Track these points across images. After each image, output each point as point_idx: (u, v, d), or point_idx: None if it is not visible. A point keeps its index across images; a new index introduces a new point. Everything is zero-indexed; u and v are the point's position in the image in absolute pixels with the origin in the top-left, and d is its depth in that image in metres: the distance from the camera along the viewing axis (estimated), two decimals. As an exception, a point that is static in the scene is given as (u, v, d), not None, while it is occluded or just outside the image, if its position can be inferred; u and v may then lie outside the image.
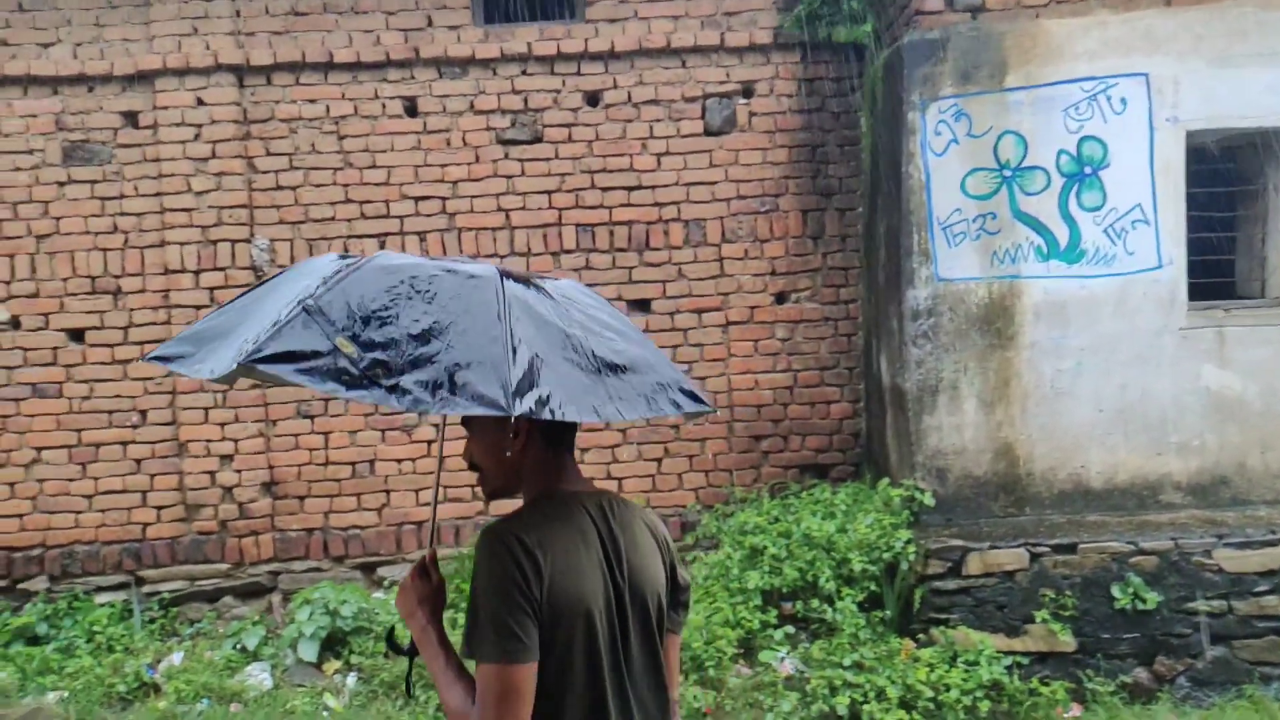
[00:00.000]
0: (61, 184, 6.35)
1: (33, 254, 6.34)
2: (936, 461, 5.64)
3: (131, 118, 6.38)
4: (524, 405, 1.60)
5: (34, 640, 6.01)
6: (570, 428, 1.99)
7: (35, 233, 6.34)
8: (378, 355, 1.61)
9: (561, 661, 1.82)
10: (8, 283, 6.31)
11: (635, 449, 6.51)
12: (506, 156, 6.46)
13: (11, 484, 6.33)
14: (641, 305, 6.52)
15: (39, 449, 6.35)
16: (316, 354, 1.60)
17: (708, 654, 5.04)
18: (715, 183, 6.50)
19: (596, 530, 1.93)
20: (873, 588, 5.46)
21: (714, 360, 6.52)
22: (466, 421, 2.01)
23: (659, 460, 6.54)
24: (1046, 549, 5.30)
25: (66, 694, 5.43)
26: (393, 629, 2.43)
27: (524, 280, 1.86)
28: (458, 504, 6.47)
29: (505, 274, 1.82)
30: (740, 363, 6.53)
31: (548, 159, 6.46)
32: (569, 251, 6.48)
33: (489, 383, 1.60)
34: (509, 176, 6.46)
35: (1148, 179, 5.50)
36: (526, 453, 1.97)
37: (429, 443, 6.47)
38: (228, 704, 5.37)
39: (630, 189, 6.49)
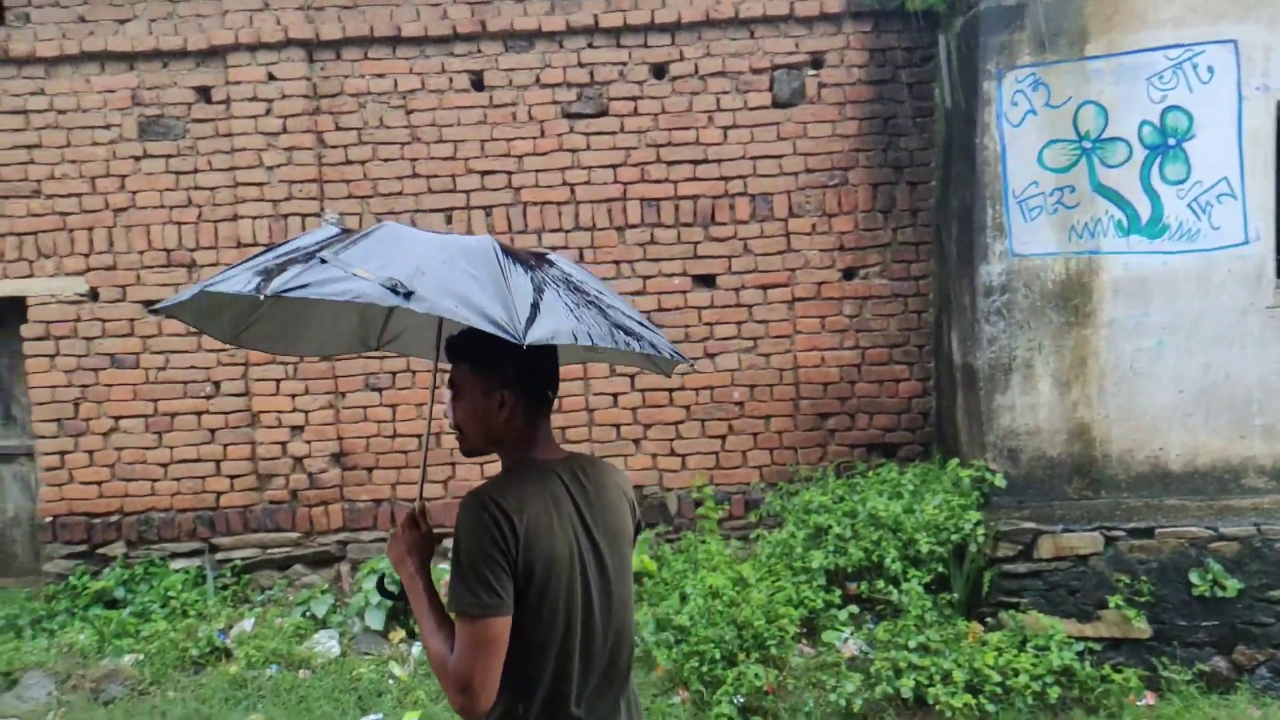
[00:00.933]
0: (137, 158, 6.47)
1: (110, 227, 6.48)
2: (1008, 442, 5.50)
3: (205, 93, 6.47)
4: (534, 335, 1.77)
5: (112, 604, 6.19)
6: (548, 402, 2.15)
7: (112, 206, 6.48)
8: (394, 274, 1.77)
9: (537, 615, 1.96)
10: (86, 255, 6.47)
11: (699, 425, 6.47)
12: (572, 130, 6.43)
13: (91, 452, 6.51)
14: (706, 281, 6.46)
15: (117, 418, 6.52)
16: (335, 279, 1.77)
17: (770, 632, 4.99)
18: (783, 156, 6.39)
19: (569, 493, 2.07)
20: (940, 569, 5.36)
21: (779, 337, 6.44)
22: (454, 385, 2.13)
23: (723, 438, 6.49)
24: (1122, 533, 5.14)
25: (142, 657, 5.58)
26: (383, 576, 2.87)
27: (515, 252, 2.02)
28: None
29: (500, 246, 1.97)
30: (806, 339, 6.44)
31: (613, 132, 6.42)
32: (633, 226, 6.43)
33: (500, 312, 1.77)
34: (574, 150, 6.43)
35: (1235, 150, 5.28)
36: (509, 422, 2.10)
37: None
38: (296, 670, 5.48)
39: (696, 163, 6.42)
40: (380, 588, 2.44)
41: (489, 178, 6.44)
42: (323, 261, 1.81)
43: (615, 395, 6.49)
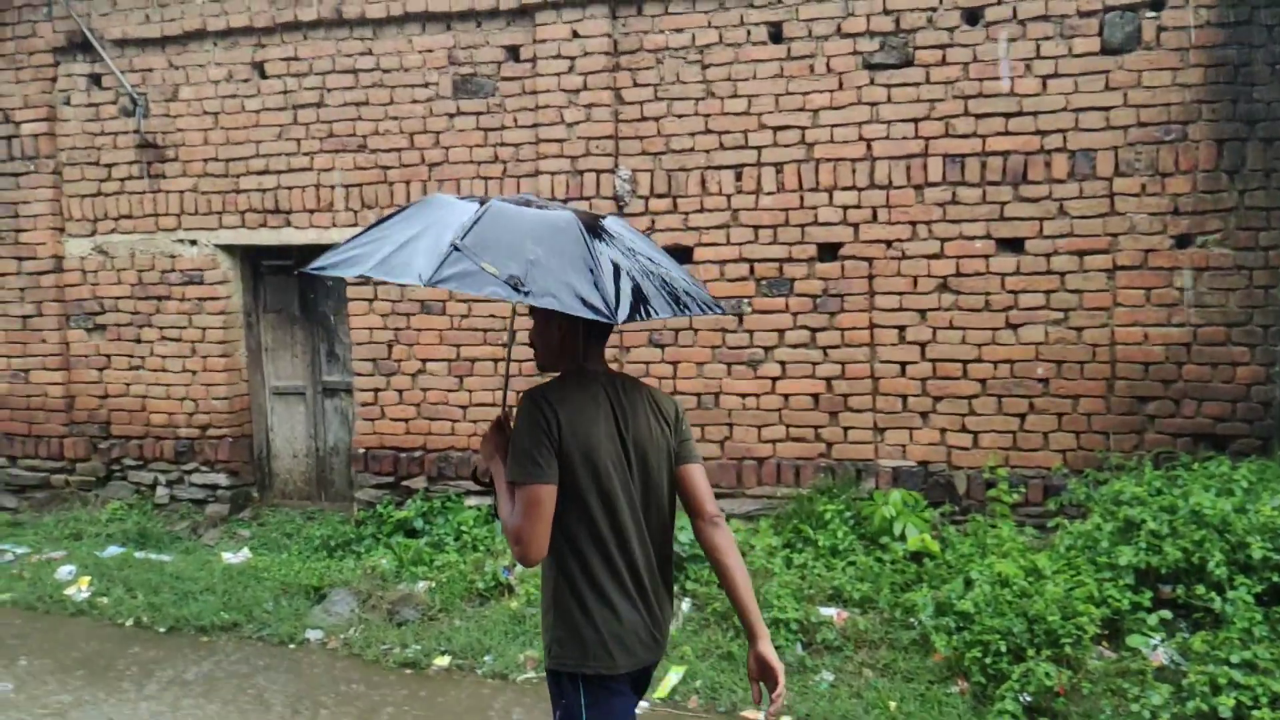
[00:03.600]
0: (451, 115, 6.83)
1: (425, 181, 6.89)
2: (1376, 441, 4.67)
3: (513, 51, 6.71)
4: (621, 314, 2.33)
5: (411, 533, 6.62)
6: (604, 329, 2.61)
7: (428, 161, 6.88)
8: (514, 272, 2.27)
9: (578, 494, 2.49)
10: (404, 207, 6.89)
11: (995, 401, 5.99)
12: (872, 82, 6.10)
13: (400, 391, 6.99)
14: (1013, 245, 5.95)
15: (424, 360, 6.94)
16: (470, 273, 2.27)
17: (1065, 630, 4.52)
18: (1110, 108, 5.75)
19: (608, 397, 2.59)
20: (1275, 579, 4.64)
21: (1095, 309, 5.82)
22: (534, 313, 2.65)
23: (1022, 416, 5.98)
24: None
25: (434, 585, 5.92)
26: (475, 469, 3.61)
27: (592, 227, 2.50)
28: (801, 443, 6.31)
29: (580, 218, 2.48)
30: (1127, 313, 5.78)
31: (917, 84, 6.03)
32: (933, 184, 6.03)
33: (590, 294, 2.29)
34: (873, 104, 6.11)
35: None
36: (563, 344, 2.62)
37: (774, 379, 6.34)
38: (570, 613, 5.61)
39: (1008, 115, 5.91)
40: (474, 477, 3.18)
41: (782, 133, 6.25)
42: (456, 249, 2.30)
43: (903, 364, 6.14)
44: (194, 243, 7.37)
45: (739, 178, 6.34)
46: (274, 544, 6.87)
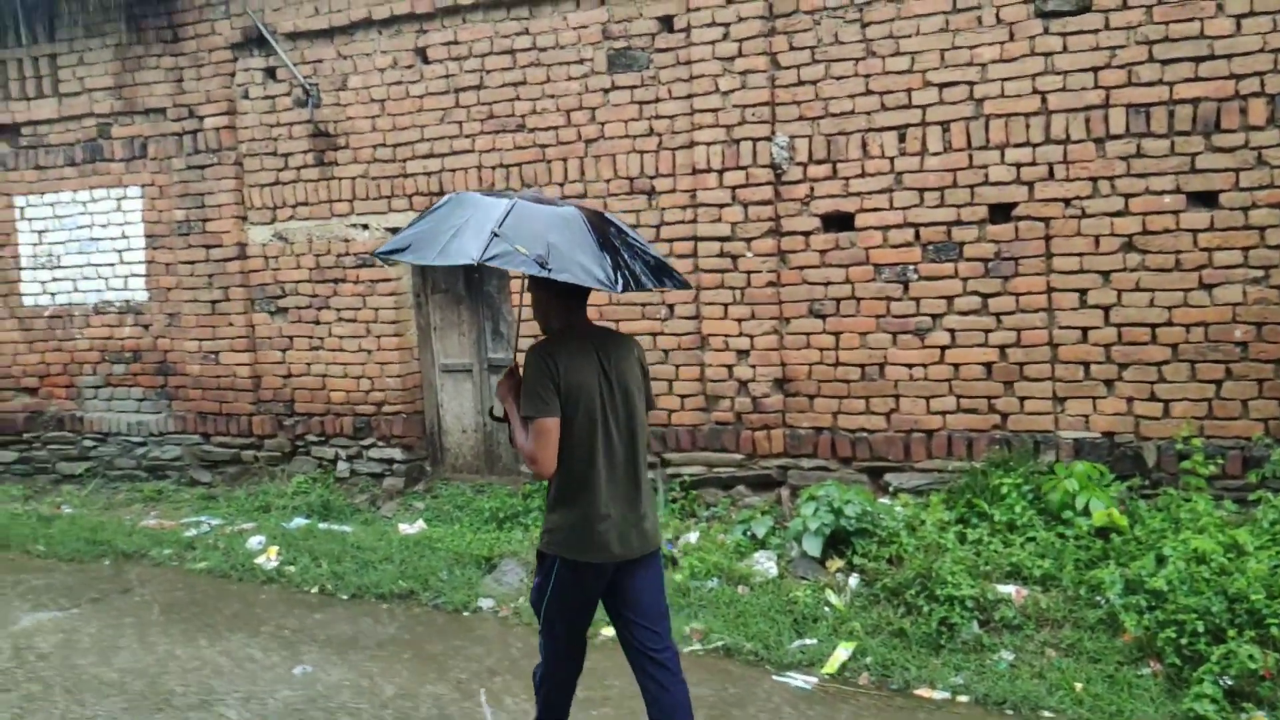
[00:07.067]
0: (606, 91, 6.84)
1: (581, 158, 6.93)
2: None
3: (667, 22, 6.65)
4: (619, 285, 3.08)
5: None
6: (584, 293, 3.34)
7: (584, 138, 6.92)
8: (540, 252, 2.96)
9: (574, 422, 3.22)
10: (561, 184, 6.98)
11: (1188, 367, 5.60)
12: (1046, 31, 5.76)
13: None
14: (1205, 199, 5.52)
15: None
16: (507, 253, 2.95)
17: (1271, 610, 4.20)
18: (1317, 45, 5.25)
19: (594, 347, 3.32)
20: None
21: (1301, 265, 5.36)
22: (533, 288, 3.37)
23: (1218, 383, 5.56)
24: None
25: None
26: (491, 406, 4.22)
27: (592, 219, 3.25)
28: (973, 415, 6.07)
29: (583, 212, 3.25)
30: (1338, 269, 5.29)
31: (1095, 30, 5.66)
32: (1115, 137, 5.65)
33: (597, 271, 3.05)
34: (1047, 54, 5.77)
35: None
36: (553, 312, 3.37)
37: (943, 348, 6.11)
38: (735, 586, 5.57)
39: (1198, 60, 5.48)
40: (490, 414, 3.79)
41: (948, 90, 5.98)
42: (496, 235, 2.97)
43: (1085, 329, 5.80)
44: (366, 227, 7.64)
45: (902, 139, 6.11)
46: (446, 516, 7.10)
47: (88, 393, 8.73)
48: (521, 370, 3.28)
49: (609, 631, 4.73)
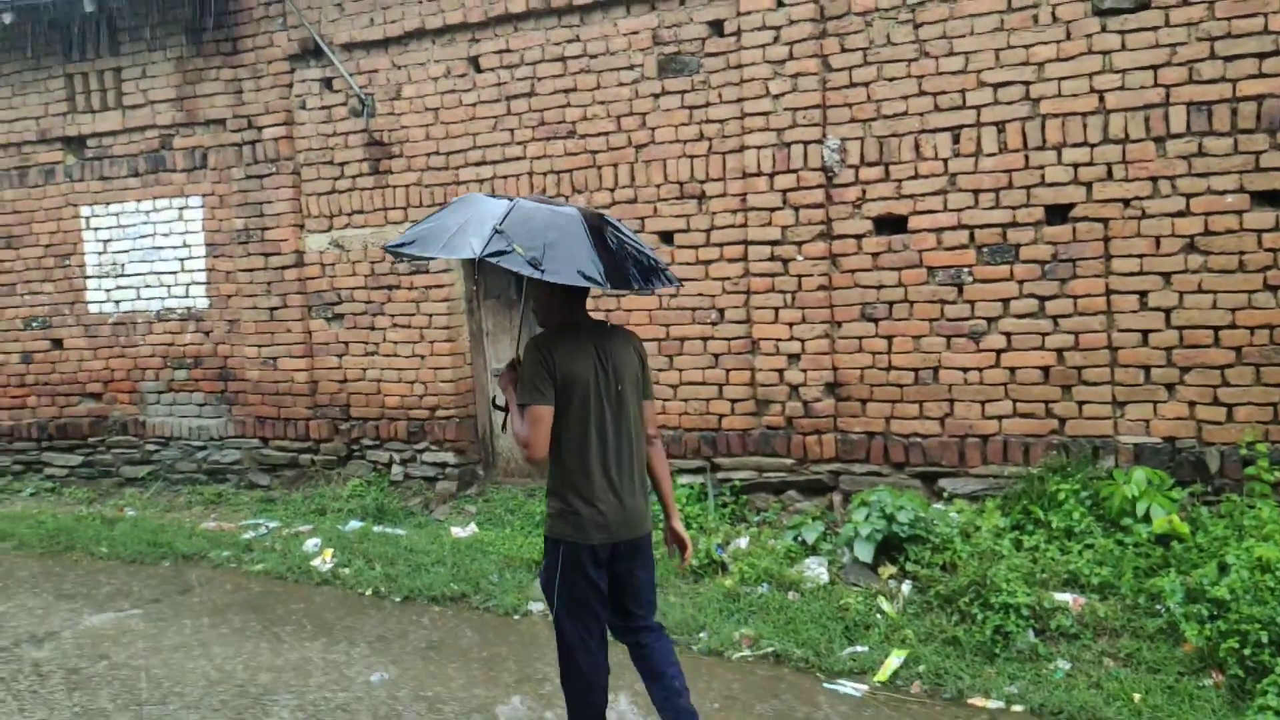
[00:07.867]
0: (656, 96, 6.85)
1: (632, 163, 6.95)
2: None
3: (717, 26, 6.65)
4: (609, 284, 3.29)
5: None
6: (583, 289, 3.50)
7: (634, 143, 6.93)
8: (536, 254, 3.11)
9: (568, 413, 3.42)
10: (611, 190, 7.00)
11: (1253, 371, 5.44)
12: (1104, 29, 5.66)
13: (613, 371, 7.07)
14: (1270, 198, 5.38)
15: (635, 341, 7.00)
16: (503, 252, 3.11)
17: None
18: (1389, 37, 5.10)
19: (591, 340, 3.51)
20: None
21: (1372, 265, 5.19)
22: (534, 286, 3.46)
23: (1287, 387, 5.41)
24: None
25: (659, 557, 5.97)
26: (494, 396, 4.41)
27: (589, 221, 3.37)
28: (1029, 420, 5.96)
29: (582, 213, 3.38)
30: None
31: (1155, 28, 5.54)
32: (1176, 136, 5.53)
33: (589, 270, 3.20)
34: (1105, 53, 5.66)
35: None
36: (552, 307, 3.54)
37: (998, 352, 6.01)
38: (785, 592, 5.53)
39: (1263, 55, 5.34)
40: (493, 403, 3.83)
41: (1003, 90, 5.89)
42: (498, 232, 3.14)
43: (1145, 333, 5.67)
44: (418, 233, 7.72)
45: (956, 140, 6.04)
46: (498, 519, 7.14)
47: (150, 398, 8.94)
48: (522, 357, 3.50)
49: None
